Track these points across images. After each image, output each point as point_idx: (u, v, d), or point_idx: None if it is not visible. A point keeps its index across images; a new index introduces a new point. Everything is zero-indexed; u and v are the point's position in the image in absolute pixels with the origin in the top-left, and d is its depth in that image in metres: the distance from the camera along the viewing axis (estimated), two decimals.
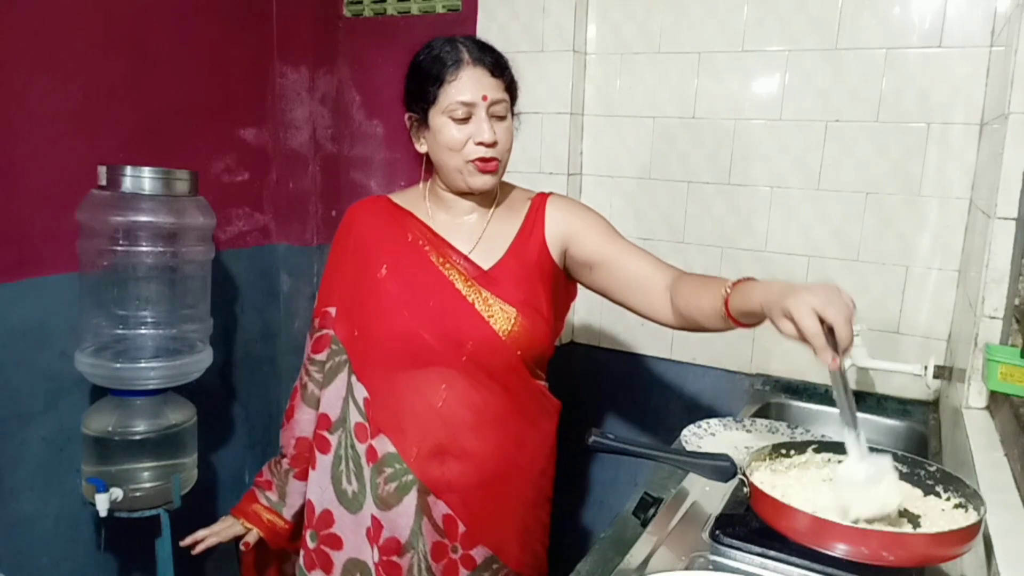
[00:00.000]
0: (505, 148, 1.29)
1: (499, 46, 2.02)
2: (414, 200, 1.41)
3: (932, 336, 1.67)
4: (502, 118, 1.28)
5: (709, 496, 1.17)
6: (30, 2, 1.66)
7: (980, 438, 1.14)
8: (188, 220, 1.78)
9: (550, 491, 1.47)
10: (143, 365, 1.71)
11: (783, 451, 1.12)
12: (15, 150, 1.67)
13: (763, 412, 1.71)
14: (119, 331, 1.75)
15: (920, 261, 1.67)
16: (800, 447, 1.12)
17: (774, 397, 1.77)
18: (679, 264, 1.90)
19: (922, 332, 1.68)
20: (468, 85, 1.24)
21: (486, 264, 1.32)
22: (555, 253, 1.36)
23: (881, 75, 1.65)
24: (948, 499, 1.00)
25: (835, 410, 1.69)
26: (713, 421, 1.54)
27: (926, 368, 1.57)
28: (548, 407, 1.43)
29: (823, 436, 1.40)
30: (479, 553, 1.32)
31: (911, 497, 1.02)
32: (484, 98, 1.24)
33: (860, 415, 1.69)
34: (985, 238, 1.24)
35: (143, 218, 1.71)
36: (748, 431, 1.51)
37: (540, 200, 1.40)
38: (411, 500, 1.29)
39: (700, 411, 1.78)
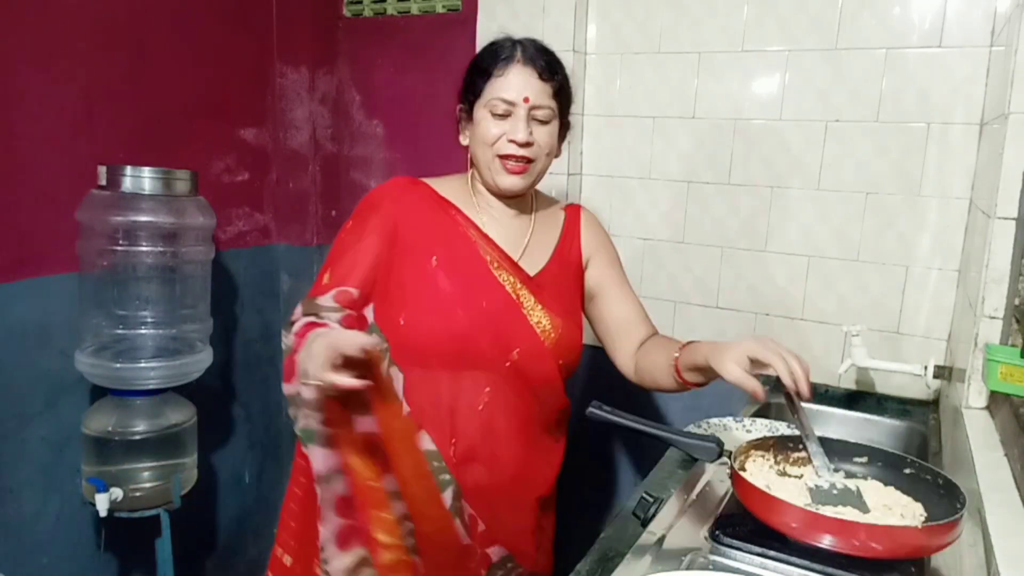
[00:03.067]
0: (542, 153, 1.27)
1: None
2: (458, 192, 1.36)
3: (932, 336, 1.67)
4: (544, 123, 1.26)
5: (709, 496, 1.17)
6: (30, 2, 1.66)
7: (980, 438, 1.14)
8: (188, 220, 1.78)
9: (556, 492, 1.47)
10: (143, 365, 1.71)
11: (789, 444, 1.12)
12: (15, 150, 1.67)
13: (763, 412, 1.71)
14: (119, 331, 1.75)
15: (920, 261, 1.67)
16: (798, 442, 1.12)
17: (774, 397, 1.76)
18: (678, 264, 1.92)
19: (922, 332, 1.68)
20: (513, 83, 1.23)
21: (532, 270, 1.32)
22: (585, 262, 1.39)
23: (881, 75, 1.65)
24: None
25: (835, 410, 1.70)
26: (713, 421, 1.54)
27: (926, 368, 1.57)
28: (567, 415, 1.44)
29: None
30: (495, 552, 1.31)
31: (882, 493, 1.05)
32: (526, 100, 1.23)
33: (860, 415, 1.70)
34: (985, 238, 1.24)
35: (143, 218, 1.71)
36: (748, 431, 1.51)
37: (574, 212, 1.42)
38: (447, 499, 1.24)
39: (700, 411, 1.77)
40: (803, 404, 1.12)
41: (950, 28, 1.58)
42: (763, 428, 1.52)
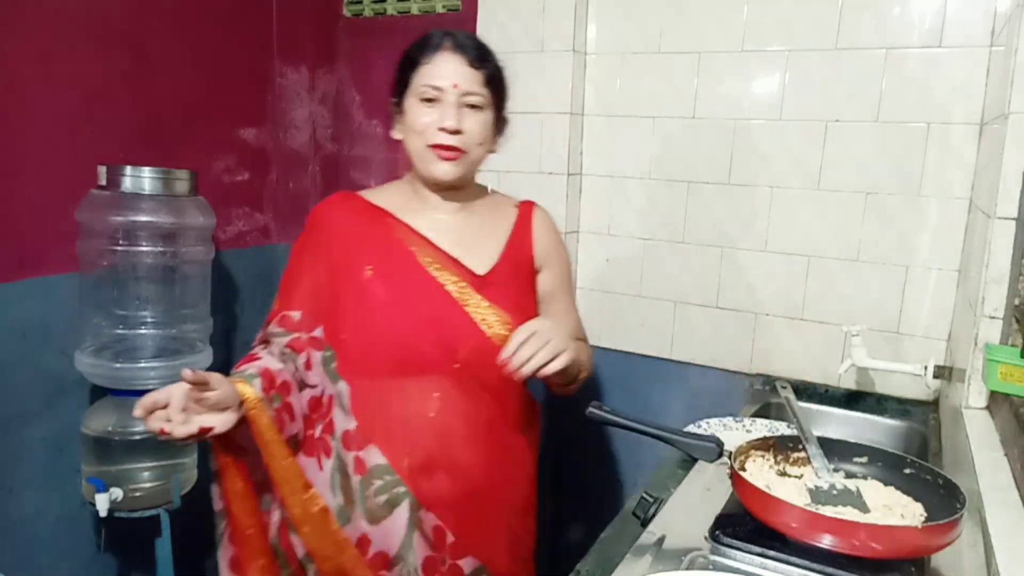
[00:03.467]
0: (474, 141, 1.24)
1: (499, 46, 2.04)
2: (393, 198, 1.34)
3: (932, 336, 1.67)
4: (476, 109, 1.24)
5: (709, 496, 1.17)
6: (30, 2, 1.66)
7: (980, 438, 1.14)
8: (188, 220, 1.78)
9: (535, 498, 1.42)
10: (143, 365, 1.71)
11: (789, 444, 1.12)
12: (15, 150, 1.67)
13: (763, 412, 1.71)
14: (119, 331, 1.75)
15: (920, 261, 1.67)
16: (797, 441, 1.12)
17: (774, 397, 1.77)
18: (678, 264, 1.92)
19: (922, 332, 1.68)
20: (441, 69, 1.21)
21: (481, 268, 1.29)
22: (538, 265, 1.36)
23: (881, 75, 1.65)
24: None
25: (835, 410, 1.70)
26: (713, 421, 1.54)
27: (926, 368, 1.57)
28: (534, 415, 1.41)
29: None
30: (467, 564, 1.28)
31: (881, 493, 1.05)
32: (455, 86, 1.21)
33: (860, 415, 1.70)
34: (985, 238, 1.24)
35: (143, 218, 1.71)
36: (748, 431, 1.51)
37: (527, 209, 1.38)
38: (402, 513, 1.23)
39: (700, 411, 1.77)
40: (802, 404, 1.13)
41: (950, 28, 1.58)
42: (763, 428, 1.52)
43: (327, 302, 1.27)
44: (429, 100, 1.21)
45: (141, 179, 1.69)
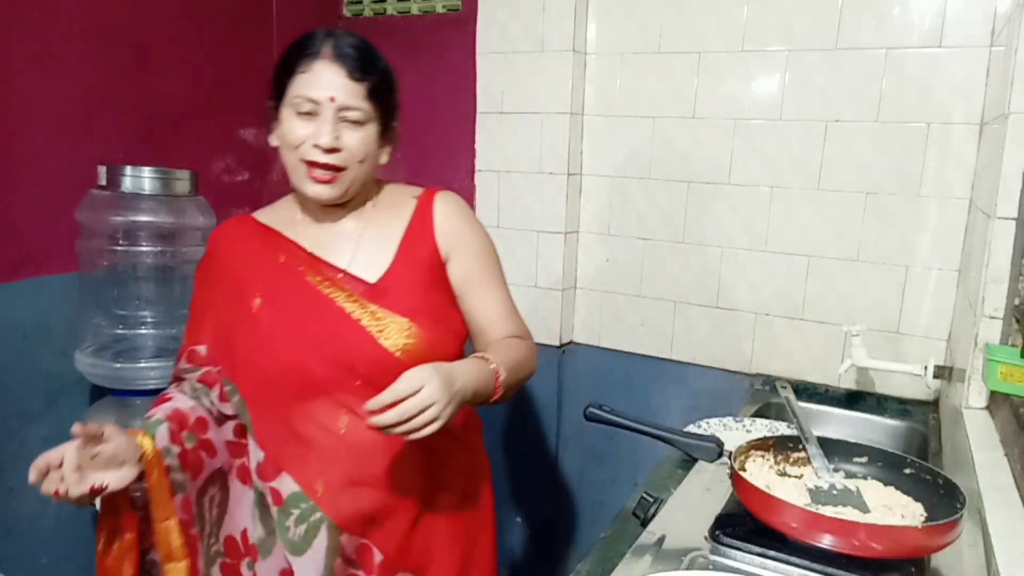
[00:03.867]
0: (354, 159, 1.14)
1: (499, 46, 2.05)
2: (281, 215, 1.28)
3: (932, 336, 1.67)
4: (357, 125, 1.13)
5: (709, 496, 1.17)
6: (30, 2, 1.66)
7: (980, 438, 1.14)
8: (188, 220, 1.78)
9: (491, 513, 1.33)
10: (143, 365, 1.71)
11: (789, 444, 1.12)
12: (15, 150, 1.67)
13: (763, 412, 1.71)
14: (119, 331, 1.75)
15: (920, 261, 1.67)
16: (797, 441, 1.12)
17: (774, 397, 1.77)
18: (678, 264, 1.92)
19: (922, 332, 1.68)
20: (317, 80, 1.11)
21: (372, 276, 1.19)
22: (444, 256, 1.23)
23: (881, 75, 1.65)
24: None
25: (835, 410, 1.70)
26: (713, 421, 1.54)
27: (926, 368, 1.57)
28: (471, 419, 1.31)
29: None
30: None
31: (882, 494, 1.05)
32: (332, 99, 1.11)
33: (860, 415, 1.71)
34: (985, 238, 1.24)
35: (143, 218, 1.71)
36: (748, 431, 1.51)
37: (428, 197, 1.26)
38: (321, 542, 1.14)
39: (700, 411, 1.78)
40: (802, 404, 1.12)
41: (950, 28, 1.58)
42: (763, 428, 1.52)
43: (224, 335, 1.22)
44: (305, 113, 1.12)
45: (141, 179, 1.69)
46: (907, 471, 1.06)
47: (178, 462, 1.14)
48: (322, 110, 1.11)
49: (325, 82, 1.11)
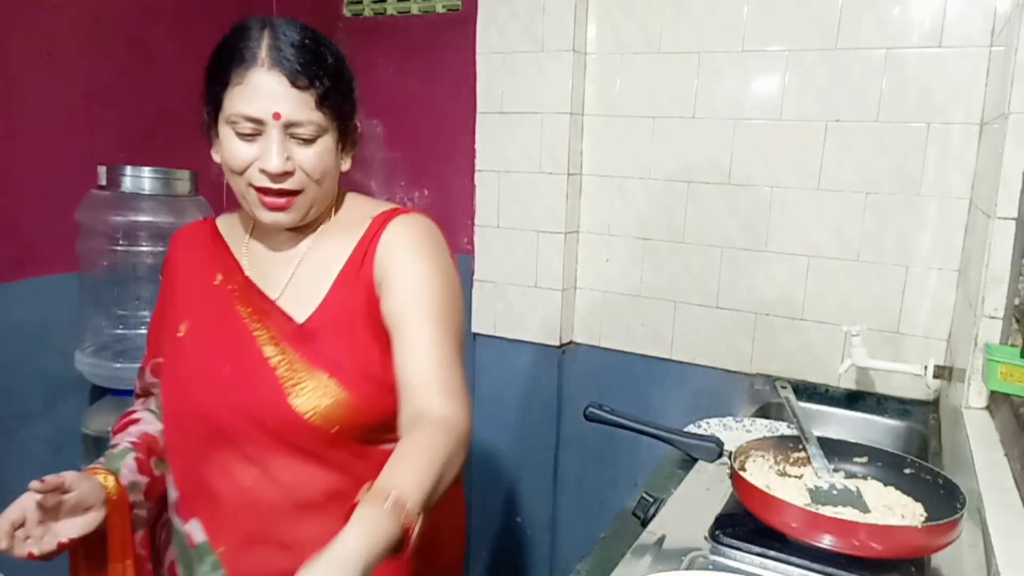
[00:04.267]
0: (312, 178, 0.99)
1: (499, 46, 2.05)
2: (238, 225, 1.13)
3: (932, 336, 1.67)
4: (309, 141, 0.97)
5: (709, 496, 1.17)
6: (30, 2, 1.66)
7: (980, 438, 1.14)
8: (188, 220, 1.77)
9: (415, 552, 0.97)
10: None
11: (789, 444, 1.13)
12: (15, 150, 1.67)
13: (763, 412, 1.71)
14: (119, 331, 1.75)
15: (920, 261, 1.67)
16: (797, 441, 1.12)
17: (774, 397, 1.77)
18: (678, 264, 1.92)
19: (922, 332, 1.68)
20: (255, 94, 0.94)
21: (301, 313, 1.02)
22: (378, 292, 1.02)
23: (881, 75, 1.65)
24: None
25: (835, 410, 1.70)
26: (713, 421, 1.54)
27: (926, 368, 1.57)
28: None
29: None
30: None
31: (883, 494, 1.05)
32: (276, 116, 0.94)
33: (860, 415, 1.70)
34: (985, 238, 1.24)
35: (143, 218, 1.71)
36: (748, 431, 1.51)
37: (382, 221, 1.05)
38: None
39: (700, 411, 1.78)
40: (802, 404, 1.12)
41: (950, 28, 1.58)
42: (763, 428, 1.52)
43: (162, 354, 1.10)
44: (247, 135, 0.96)
45: (141, 179, 1.70)
46: (907, 471, 1.06)
47: (142, 497, 1.07)
48: (266, 129, 0.95)
49: (265, 95, 0.94)
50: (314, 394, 0.98)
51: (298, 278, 1.06)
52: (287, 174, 0.97)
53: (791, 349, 1.82)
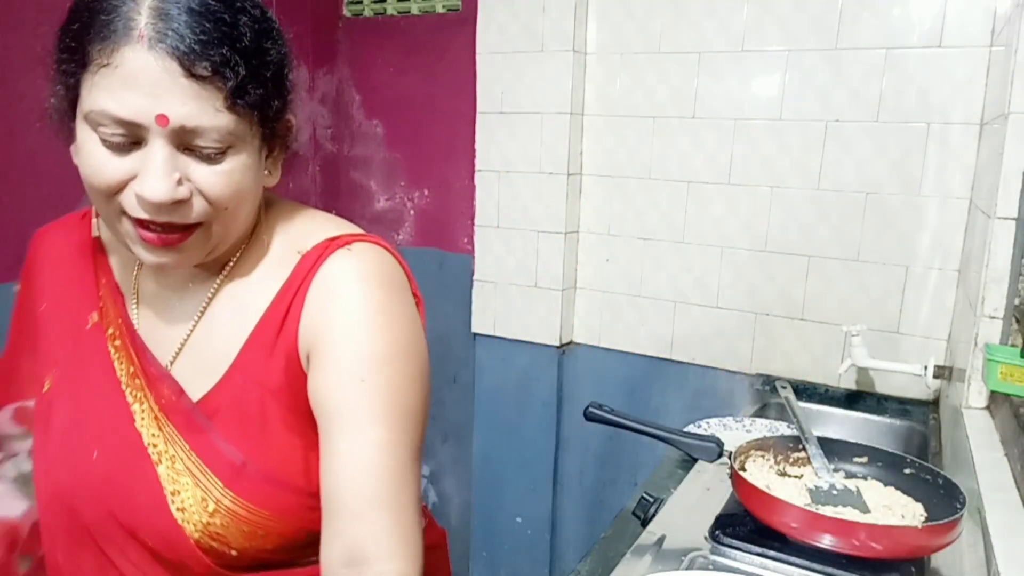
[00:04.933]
0: (220, 204, 0.68)
1: (499, 46, 2.05)
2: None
3: (932, 336, 1.67)
4: (216, 155, 0.66)
5: (709, 496, 1.17)
6: (30, 2, 1.66)
7: (980, 438, 1.14)
8: None
9: None
10: None
11: (789, 444, 1.13)
12: (15, 150, 1.67)
13: (763, 412, 1.71)
14: None
15: (920, 261, 1.67)
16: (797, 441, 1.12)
17: (774, 397, 1.77)
18: (678, 264, 1.92)
19: (922, 332, 1.68)
20: (127, 84, 0.62)
21: (197, 388, 0.74)
22: (304, 362, 0.73)
23: (881, 75, 1.65)
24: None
25: (835, 410, 1.70)
26: (713, 421, 1.54)
27: (926, 368, 1.57)
28: None
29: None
30: None
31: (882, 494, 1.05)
32: (161, 120, 0.62)
33: (860, 415, 1.70)
34: (985, 238, 1.24)
35: None
36: (748, 431, 1.51)
37: (314, 260, 0.74)
38: None
39: (700, 411, 1.78)
40: (802, 404, 1.12)
41: (950, 28, 1.58)
42: (763, 428, 1.52)
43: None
44: (117, 144, 0.65)
45: None
46: (907, 471, 1.06)
47: None
48: (147, 137, 0.64)
49: (144, 88, 0.62)
50: (201, 507, 0.71)
51: (200, 336, 0.76)
52: (179, 203, 0.65)
53: (791, 349, 1.82)
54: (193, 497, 0.71)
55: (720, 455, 1.13)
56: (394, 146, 2.32)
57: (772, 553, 0.96)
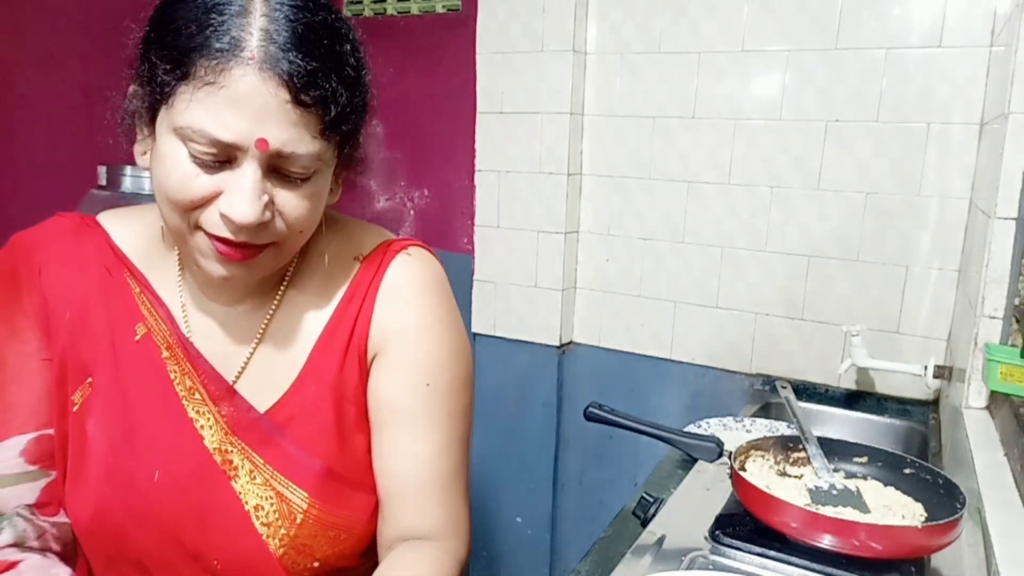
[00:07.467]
0: (295, 228, 0.69)
1: (499, 46, 2.05)
2: (153, 251, 0.78)
3: (932, 336, 1.67)
4: (301, 180, 0.67)
5: (709, 496, 1.17)
6: (30, 2, 1.66)
7: (980, 438, 1.14)
8: None
9: None
10: None
11: (789, 444, 1.13)
12: (15, 150, 1.67)
13: (763, 412, 1.71)
14: None
15: (920, 261, 1.67)
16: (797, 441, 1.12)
17: (774, 397, 1.77)
18: (678, 264, 1.92)
19: (922, 332, 1.68)
20: (236, 106, 0.61)
21: (264, 401, 0.74)
22: (371, 361, 0.76)
23: (881, 75, 1.65)
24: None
25: (835, 410, 1.70)
26: (713, 421, 1.54)
27: (926, 368, 1.57)
28: None
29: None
30: None
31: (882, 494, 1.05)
32: (261, 145, 0.62)
33: (860, 415, 1.70)
34: (985, 238, 1.24)
35: None
36: (748, 431, 1.51)
37: (377, 265, 0.77)
38: None
39: (700, 411, 1.78)
40: (802, 404, 1.12)
41: (950, 28, 1.58)
42: (763, 428, 1.52)
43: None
44: (208, 164, 0.64)
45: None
46: (907, 471, 1.05)
47: None
48: (242, 158, 0.64)
49: (251, 112, 0.61)
50: (288, 519, 0.70)
51: (265, 350, 0.75)
52: (263, 225, 0.66)
53: (791, 349, 1.82)
54: (279, 511, 0.71)
55: (720, 455, 1.13)
56: (394, 146, 2.32)
57: (772, 553, 0.96)
